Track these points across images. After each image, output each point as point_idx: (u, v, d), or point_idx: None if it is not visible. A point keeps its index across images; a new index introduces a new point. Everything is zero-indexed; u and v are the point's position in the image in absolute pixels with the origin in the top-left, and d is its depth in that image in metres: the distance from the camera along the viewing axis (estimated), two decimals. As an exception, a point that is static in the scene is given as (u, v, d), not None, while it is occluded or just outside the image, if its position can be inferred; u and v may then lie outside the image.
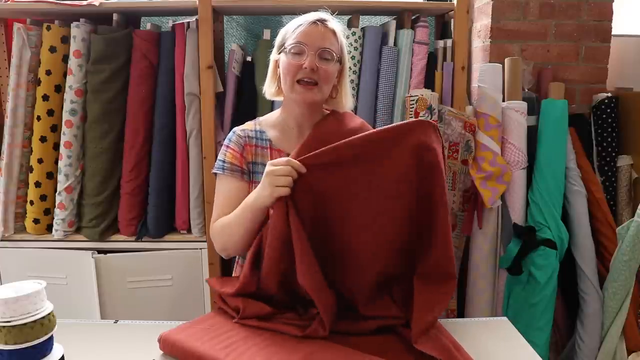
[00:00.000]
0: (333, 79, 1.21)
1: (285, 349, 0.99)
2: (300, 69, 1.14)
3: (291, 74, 1.16)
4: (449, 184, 1.86)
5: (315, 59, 1.14)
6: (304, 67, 1.14)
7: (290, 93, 1.18)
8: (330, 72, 1.18)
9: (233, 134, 1.26)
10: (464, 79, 1.83)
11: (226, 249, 1.21)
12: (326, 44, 1.16)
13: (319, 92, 1.17)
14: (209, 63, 1.73)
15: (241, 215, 1.13)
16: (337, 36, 1.20)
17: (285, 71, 1.17)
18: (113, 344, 1.14)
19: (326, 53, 1.16)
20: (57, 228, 1.78)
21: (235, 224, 1.15)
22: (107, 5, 1.73)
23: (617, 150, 1.89)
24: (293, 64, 1.15)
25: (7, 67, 1.88)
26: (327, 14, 1.20)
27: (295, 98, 1.18)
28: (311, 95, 1.17)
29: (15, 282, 0.93)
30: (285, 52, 1.17)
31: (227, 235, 1.18)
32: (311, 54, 1.14)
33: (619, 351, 1.75)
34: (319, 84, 1.16)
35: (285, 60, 1.17)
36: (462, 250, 1.92)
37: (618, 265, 1.72)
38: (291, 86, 1.17)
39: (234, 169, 1.22)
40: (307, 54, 1.14)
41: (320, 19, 1.18)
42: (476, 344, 1.10)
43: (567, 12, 1.92)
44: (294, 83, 1.16)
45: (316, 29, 1.16)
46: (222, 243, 1.21)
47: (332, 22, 1.20)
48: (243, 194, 1.19)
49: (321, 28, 1.16)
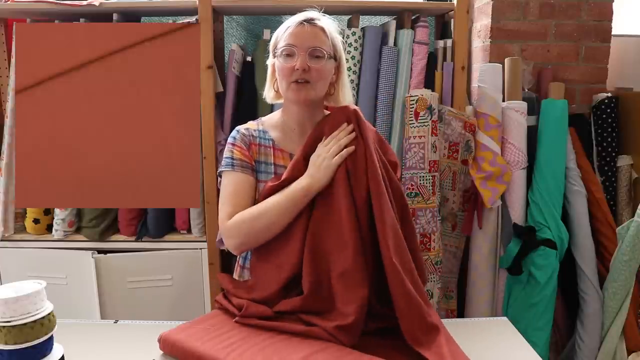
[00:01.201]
0: (328, 76, 1.21)
1: (285, 349, 0.99)
2: (292, 71, 1.15)
3: (285, 76, 1.17)
4: (449, 183, 1.86)
5: (306, 59, 1.15)
6: (296, 68, 1.14)
7: (286, 94, 1.20)
8: (323, 70, 1.18)
9: (237, 132, 1.26)
10: (464, 79, 1.83)
11: (248, 243, 1.17)
12: (316, 43, 1.16)
13: (312, 90, 1.18)
14: (209, 63, 1.73)
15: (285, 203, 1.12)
16: (327, 33, 1.19)
17: (280, 75, 1.19)
18: (113, 344, 1.14)
19: (317, 51, 1.16)
20: (57, 228, 1.78)
21: (277, 214, 1.12)
22: (107, 5, 1.73)
23: (617, 150, 1.89)
24: (285, 66, 1.16)
25: (7, 67, 1.89)
26: (315, 12, 1.20)
27: (291, 98, 1.19)
28: (304, 94, 1.17)
29: (15, 282, 0.93)
30: (278, 55, 1.18)
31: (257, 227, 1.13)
32: (302, 55, 1.15)
33: (619, 351, 1.75)
34: (312, 82, 1.17)
35: (279, 64, 1.18)
36: (462, 250, 1.92)
37: (618, 265, 1.72)
38: (286, 88, 1.18)
39: (244, 165, 1.21)
40: (297, 55, 1.15)
41: (308, 18, 1.18)
42: (476, 344, 1.10)
43: (567, 12, 1.92)
44: (289, 84, 1.17)
45: (304, 29, 1.16)
46: (245, 236, 1.15)
47: (321, 19, 1.20)
48: (253, 190, 1.20)
49: (309, 28, 1.16)
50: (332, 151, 1.13)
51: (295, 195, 1.12)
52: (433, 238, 1.74)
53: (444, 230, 1.87)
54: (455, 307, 1.92)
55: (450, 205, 1.87)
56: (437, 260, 1.76)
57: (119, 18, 1.78)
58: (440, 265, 1.78)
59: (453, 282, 1.92)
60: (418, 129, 1.74)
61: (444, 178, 1.85)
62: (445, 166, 1.84)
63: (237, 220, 1.15)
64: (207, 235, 1.80)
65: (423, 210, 1.73)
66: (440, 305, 1.86)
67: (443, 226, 1.87)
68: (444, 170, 1.84)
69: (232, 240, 1.16)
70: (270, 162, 1.23)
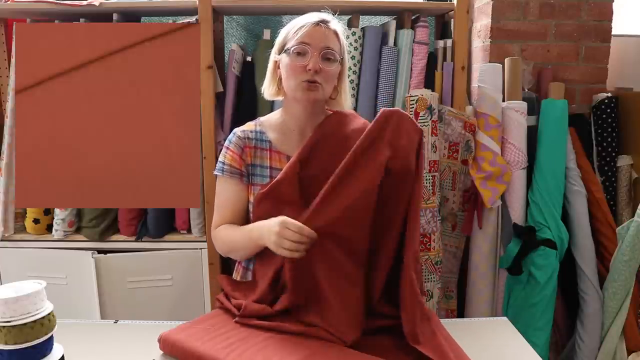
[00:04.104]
0: (335, 79, 1.21)
1: (285, 349, 0.99)
2: (304, 70, 1.15)
3: (295, 75, 1.16)
4: (449, 183, 1.86)
5: (318, 60, 1.15)
6: (308, 68, 1.14)
7: (294, 93, 1.19)
8: (332, 72, 1.18)
9: (233, 135, 1.26)
10: (464, 79, 1.83)
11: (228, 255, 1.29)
12: (329, 44, 1.17)
13: (321, 91, 1.18)
14: (209, 63, 1.73)
15: (247, 241, 1.18)
16: (338, 37, 1.20)
17: (289, 72, 1.17)
18: (113, 344, 1.14)
19: (329, 53, 1.16)
20: (57, 228, 1.78)
21: (242, 247, 1.21)
22: (107, 5, 1.73)
23: (617, 150, 1.89)
24: (297, 65, 1.15)
25: (7, 67, 1.89)
26: (328, 14, 1.20)
27: (300, 97, 1.18)
28: (314, 95, 1.17)
29: (15, 282, 0.93)
30: (288, 53, 1.17)
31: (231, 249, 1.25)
32: (314, 55, 1.14)
33: (619, 351, 1.75)
34: (322, 84, 1.17)
35: (288, 62, 1.17)
36: (462, 250, 1.92)
37: (618, 265, 1.72)
38: (295, 87, 1.17)
39: (233, 172, 1.23)
40: (310, 55, 1.15)
41: (323, 19, 1.18)
42: (476, 344, 1.10)
43: (567, 12, 1.92)
44: (299, 83, 1.16)
45: (319, 29, 1.16)
46: (225, 252, 1.28)
47: (334, 22, 1.20)
48: (242, 197, 1.24)
49: (324, 29, 1.17)
50: (288, 245, 1.02)
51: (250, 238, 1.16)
52: (433, 238, 1.74)
53: (444, 230, 1.88)
54: (455, 307, 1.92)
55: (450, 205, 1.87)
56: (437, 260, 1.76)
57: (119, 18, 1.78)
58: (440, 265, 1.78)
59: (453, 282, 1.92)
60: (418, 129, 1.74)
61: (444, 178, 1.85)
62: (445, 166, 1.84)
63: (219, 237, 1.26)
64: (207, 235, 1.80)
65: (423, 210, 1.73)
66: (440, 305, 1.86)
67: (443, 226, 1.87)
68: (444, 170, 1.84)
69: (217, 248, 1.29)
70: (265, 165, 1.23)
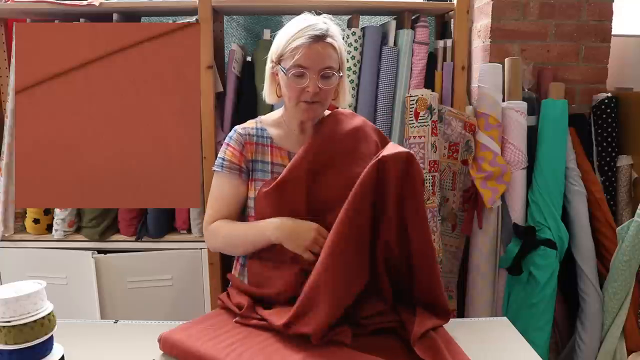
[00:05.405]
0: (334, 89, 1.21)
1: (285, 349, 0.99)
2: (303, 92, 1.14)
3: (294, 96, 1.16)
4: (449, 183, 1.86)
5: (317, 81, 1.13)
6: (307, 90, 1.13)
7: (294, 110, 1.20)
8: (332, 88, 1.18)
9: (234, 132, 1.26)
10: (464, 79, 1.83)
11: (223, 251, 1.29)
12: (327, 63, 1.14)
13: (321, 107, 1.19)
14: (209, 63, 1.73)
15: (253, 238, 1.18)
16: (336, 49, 1.17)
17: (289, 91, 1.17)
18: (113, 344, 1.14)
19: (327, 71, 1.14)
20: (57, 228, 1.78)
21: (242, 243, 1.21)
22: (107, 5, 1.73)
23: (617, 150, 1.89)
24: (296, 87, 1.14)
25: (7, 67, 1.88)
26: (324, 21, 1.16)
27: (299, 116, 1.20)
28: (314, 113, 1.19)
29: (15, 282, 0.93)
30: (285, 72, 1.14)
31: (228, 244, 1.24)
32: (313, 78, 1.12)
33: (619, 351, 1.75)
34: (321, 102, 1.17)
35: (287, 82, 1.15)
36: (462, 250, 1.92)
37: (618, 265, 1.72)
38: (294, 105, 1.18)
39: (232, 167, 1.23)
40: (308, 77, 1.13)
41: (319, 35, 1.12)
42: (476, 344, 1.10)
43: (567, 12, 1.92)
44: (298, 102, 1.17)
45: (316, 49, 1.12)
46: (218, 247, 1.28)
47: (331, 31, 1.15)
48: (240, 193, 1.24)
49: (321, 47, 1.12)
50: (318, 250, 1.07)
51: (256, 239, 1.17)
52: (433, 238, 1.75)
53: (444, 230, 1.88)
54: (455, 307, 1.92)
55: (450, 205, 1.87)
56: (437, 260, 1.76)
57: (119, 18, 1.78)
58: (440, 265, 1.78)
59: (453, 282, 1.92)
60: (418, 129, 1.74)
61: (444, 178, 1.85)
62: (445, 166, 1.84)
63: (214, 232, 1.23)
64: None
65: (423, 210, 1.73)
66: (440, 305, 1.86)
67: (443, 226, 1.87)
68: (444, 170, 1.84)
69: (210, 245, 1.28)
70: (267, 160, 1.23)
